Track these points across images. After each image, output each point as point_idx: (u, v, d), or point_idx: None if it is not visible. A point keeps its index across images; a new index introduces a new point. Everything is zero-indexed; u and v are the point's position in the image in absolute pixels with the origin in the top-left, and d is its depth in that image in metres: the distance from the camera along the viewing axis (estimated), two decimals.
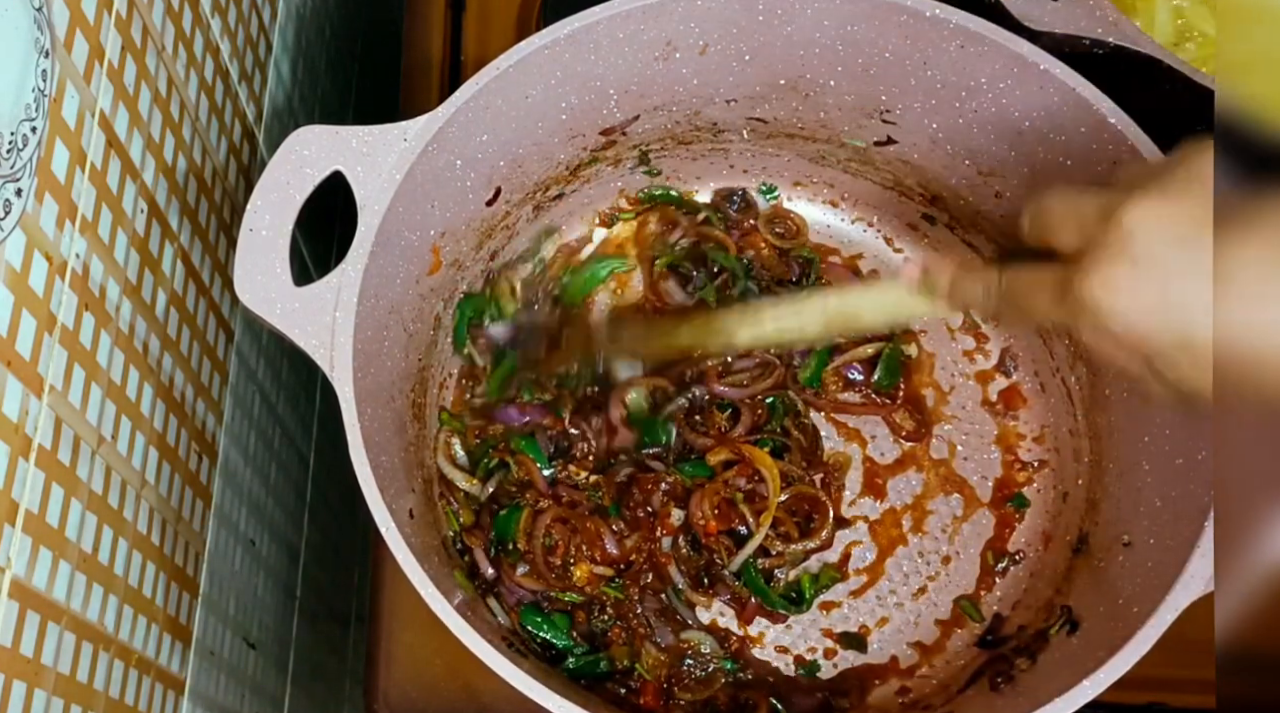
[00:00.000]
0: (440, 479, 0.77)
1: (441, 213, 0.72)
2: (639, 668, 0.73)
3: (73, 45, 0.55)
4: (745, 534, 0.75)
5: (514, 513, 0.74)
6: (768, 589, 0.75)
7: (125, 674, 0.62)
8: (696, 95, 0.77)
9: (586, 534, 0.73)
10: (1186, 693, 0.72)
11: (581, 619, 0.74)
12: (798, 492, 0.76)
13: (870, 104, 0.76)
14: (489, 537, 0.75)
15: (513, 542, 0.73)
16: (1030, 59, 0.67)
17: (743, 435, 0.77)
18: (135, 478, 0.64)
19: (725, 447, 0.76)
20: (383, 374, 0.68)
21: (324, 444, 1.08)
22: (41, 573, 0.52)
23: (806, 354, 0.81)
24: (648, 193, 0.86)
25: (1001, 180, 0.75)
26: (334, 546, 1.14)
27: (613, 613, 0.74)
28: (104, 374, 0.59)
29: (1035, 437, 0.81)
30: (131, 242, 0.63)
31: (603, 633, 0.74)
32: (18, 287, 0.50)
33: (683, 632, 0.74)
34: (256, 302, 0.63)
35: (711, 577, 0.75)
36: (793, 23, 0.71)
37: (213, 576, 0.77)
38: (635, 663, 0.73)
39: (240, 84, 0.82)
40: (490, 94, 0.68)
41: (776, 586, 0.76)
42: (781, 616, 0.76)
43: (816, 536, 0.76)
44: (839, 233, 0.87)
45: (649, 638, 0.74)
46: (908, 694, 0.74)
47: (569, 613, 0.74)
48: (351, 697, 1.19)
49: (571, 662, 0.73)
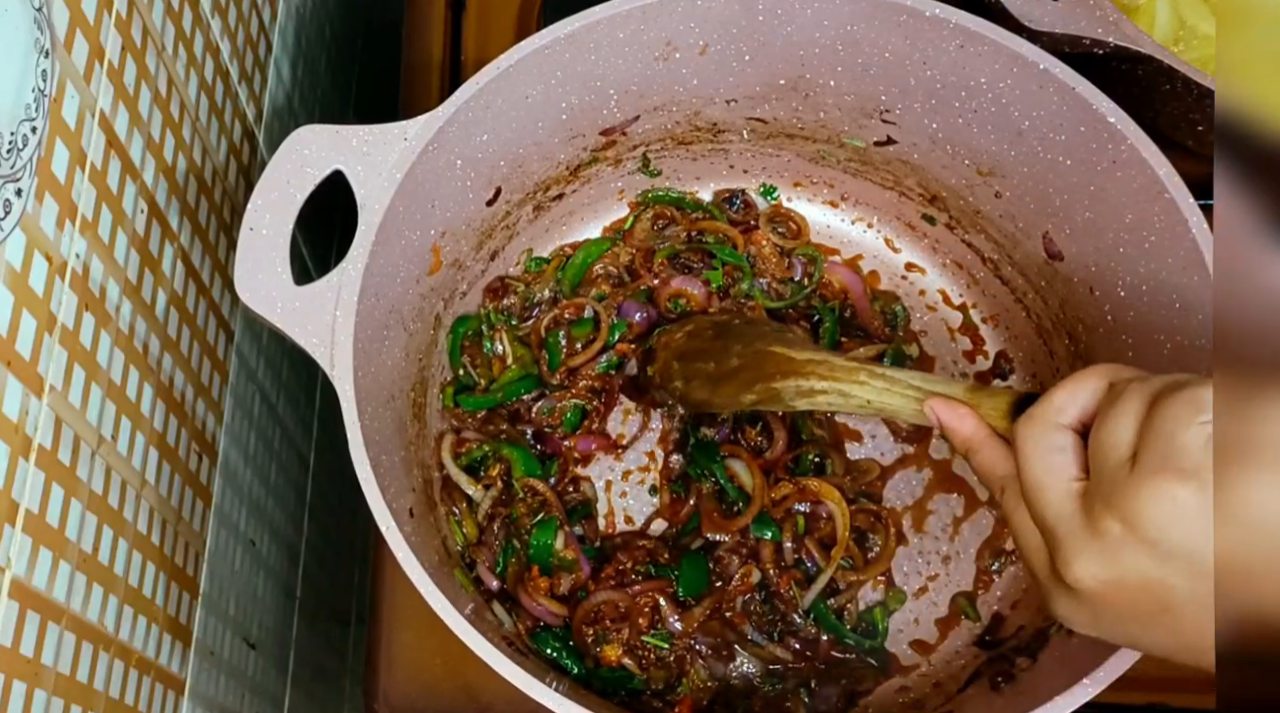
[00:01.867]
0: (443, 483, 0.77)
1: (442, 212, 0.72)
2: (683, 687, 0.72)
3: (73, 45, 0.55)
4: (812, 568, 0.75)
5: (546, 530, 0.73)
6: (841, 627, 0.74)
7: (125, 674, 0.62)
8: (696, 95, 0.77)
9: (636, 616, 0.72)
10: (1186, 693, 0.72)
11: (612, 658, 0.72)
12: (859, 510, 0.76)
13: (870, 104, 0.76)
14: (498, 546, 0.74)
15: (551, 563, 0.73)
16: (1030, 59, 0.67)
17: (783, 453, 0.77)
18: (135, 478, 0.64)
19: (789, 483, 0.76)
20: (383, 374, 0.68)
21: (324, 444, 1.08)
22: (41, 573, 0.52)
23: None
24: (648, 193, 0.86)
25: (1001, 180, 0.75)
26: (334, 546, 1.14)
27: (654, 657, 0.72)
28: (104, 374, 0.59)
29: None
30: (131, 242, 0.63)
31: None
32: (18, 287, 0.50)
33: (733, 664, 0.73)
34: (257, 301, 0.63)
35: (783, 627, 0.74)
36: (793, 23, 0.71)
37: (213, 576, 0.77)
38: (677, 683, 0.72)
39: (240, 84, 0.82)
40: (490, 94, 0.68)
41: (850, 618, 0.75)
42: None
43: (883, 562, 0.76)
44: (839, 233, 0.87)
45: (700, 663, 0.72)
46: (907, 694, 0.74)
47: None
48: (351, 697, 1.19)
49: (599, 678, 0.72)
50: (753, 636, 0.73)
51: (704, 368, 0.72)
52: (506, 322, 0.81)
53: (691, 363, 0.73)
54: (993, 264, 0.81)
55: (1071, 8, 0.72)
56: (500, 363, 0.81)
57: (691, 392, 0.72)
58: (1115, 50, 0.72)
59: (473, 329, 0.81)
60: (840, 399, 0.63)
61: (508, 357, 0.80)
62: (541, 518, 0.74)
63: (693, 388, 0.72)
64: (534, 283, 0.82)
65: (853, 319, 0.84)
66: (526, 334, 0.81)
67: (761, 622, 0.74)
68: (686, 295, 0.82)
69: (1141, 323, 0.68)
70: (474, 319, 0.81)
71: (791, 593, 0.74)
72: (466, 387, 0.80)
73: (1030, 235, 0.76)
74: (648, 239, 0.85)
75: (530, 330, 0.81)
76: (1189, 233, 0.63)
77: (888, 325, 0.84)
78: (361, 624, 1.21)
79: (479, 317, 0.81)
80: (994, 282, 0.82)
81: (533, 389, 0.80)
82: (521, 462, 0.76)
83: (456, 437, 0.77)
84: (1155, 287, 0.67)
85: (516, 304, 0.82)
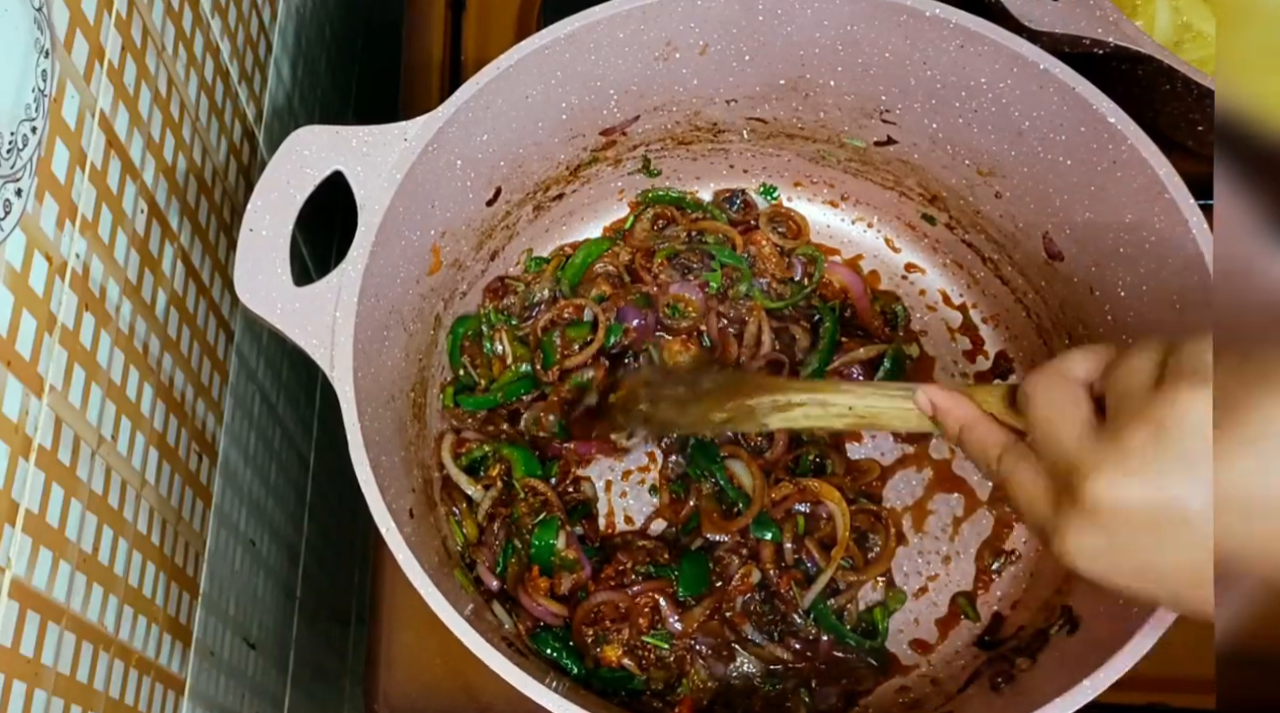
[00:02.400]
0: (443, 483, 0.77)
1: (442, 213, 0.72)
2: (683, 687, 0.72)
3: (73, 45, 0.55)
4: (812, 569, 0.75)
5: (548, 529, 0.73)
6: (841, 627, 0.74)
7: (125, 674, 0.62)
8: (696, 95, 0.77)
9: (636, 616, 0.72)
10: (1186, 693, 0.72)
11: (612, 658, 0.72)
12: (859, 510, 0.76)
13: (870, 104, 0.76)
14: (498, 546, 0.74)
15: (553, 563, 0.73)
16: (1030, 59, 0.67)
17: (783, 453, 0.77)
18: (135, 478, 0.64)
19: (789, 483, 0.76)
20: (383, 374, 0.68)
21: (324, 444, 1.08)
22: (41, 573, 0.52)
23: (809, 354, 0.81)
24: (648, 193, 0.86)
25: (1001, 180, 0.75)
26: (334, 546, 1.14)
27: (654, 657, 0.72)
28: (104, 374, 0.59)
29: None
30: (131, 242, 0.63)
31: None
32: (18, 287, 0.50)
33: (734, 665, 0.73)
34: (256, 302, 0.63)
35: (784, 627, 0.74)
36: (793, 23, 0.71)
37: (213, 576, 0.77)
38: (677, 683, 0.72)
39: (240, 84, 0.82)
40: (490, 94, 0.68)
41: (850, 619, 0.75)
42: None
43: (883, 563, 0.76)
44: (839, 233, 0.87)
45: (700, 663, 0.73)
46: (907, 694, 0.74)
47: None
48: (351, 697, 1.19)
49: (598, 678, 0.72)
50: (753, 635, 0.74)
51: (673, 392, 0.71)
52: (506, 321, 0.81)
53: (660, 388, 0.72)
54: (993, 264, 0.81)
55: (1071, 8, 0.72)
56: (500, 363, 0.81)
57: (657, 412, 0.71)
58: (1115, 50, 0.72)
59: (473, 329, 0.81)
60: (819, 410, 0.62)
61: (508, 356, 0.80)
62: (543, 518, 0.74)
63: (659, 409, 0.71)
64: (534, 283, 0.82)
65: (853, 319, 0.84)
66: (526, 334, 0.81)
67: (762, 622, 0.74)
68: (684, 301, 0.82)
69: (1141, 323, 0.68)
70: (474, 319, 0.81)
71: (792, 593, 0.74)
72: (467, 387, 0.80)
73: (1030, 235, 0.75)
74: (648, 239, 0.85)
75: (530, 330, 0.81)
76: (1189, 233, 0.63)
77: (888, 325, 0.84)
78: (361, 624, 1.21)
79: (479, 317, 0.81)
80: (994, 282, 0.82)
81: (531, 389, 0.80)
82: (522, 462, 0.76)
83: (456, 437, 0.77)
84: (1155, 287, 0.67)
85: (516, 304, 0.82)
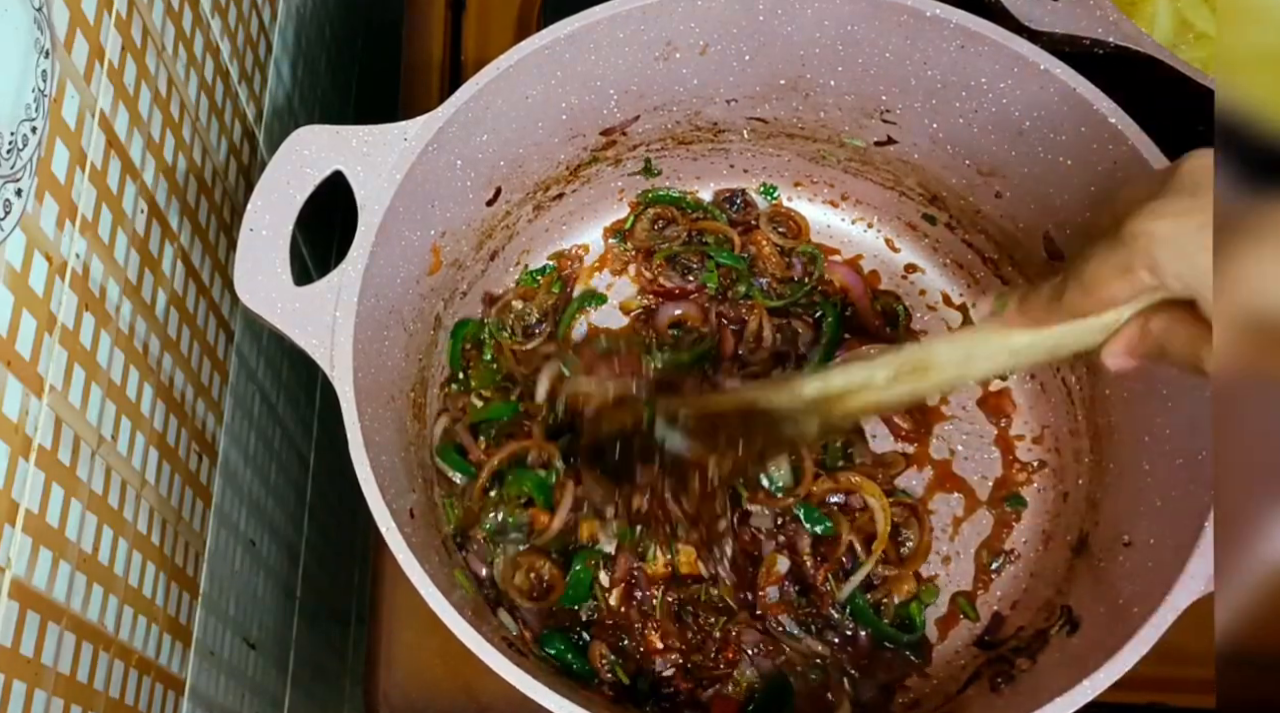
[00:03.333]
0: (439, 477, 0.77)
1: (441, 213, 0.72)
2: (729, 688, 0.72)
3: (73, 45, 0.55)
4: (848, 562, 0.75)
5: (585, 573, 0.73)
6: (879, 622, 0.74)
7: (125, 675, 0.62)
8: (696, 95, 0.77)
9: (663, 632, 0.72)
10: (1186, 693, 0.72)
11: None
12: (895, 504, 0.76)
13: (870, 104, 0.76)
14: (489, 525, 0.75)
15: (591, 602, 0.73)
16: (1030, 59, 0.67)
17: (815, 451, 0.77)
18: (135, 478, 0.64)
19: (829, 478, 0.76)
20: (383, 374, 0.68)
21: (324, 444, 1.08)
22: (41, 573, 0.52)
23: (811, 349, 0.81)
24: (648, 193, 0.86)
25: (1001, 180, 0.75)
26: (334, 546, 1.14)
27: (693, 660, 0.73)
28: (104, 374, 0.59)
29: (1035, 437, 0.81)
30: (131, 242, 0.63)
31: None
32: (18, 287, 0.50)
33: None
34: (256, 302, 0.63)
35: (820, 621, 0.74)
36: (793, 23, 0.71)
37: (213, 576, 0.77)
38: (730, 683, 0.72)
39: (240, 84, 0.82)
40: (490, 94, 0.68)
41: (887, 612, 0.75)
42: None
43: (921, 557, 0.76)
44: (839, 233, 0.87)
45: (747, 663, 0.73)
46: (907, 693, 0.74)
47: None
48: (351, 697, 1.19)
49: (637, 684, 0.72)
50: (791, 628, 0.74)
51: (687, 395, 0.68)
52: (511, 337, 0.81)
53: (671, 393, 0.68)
54: (993, 264, 0.81)
55: (1071, 8, 0.72)
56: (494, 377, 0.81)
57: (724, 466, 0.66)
58: (1115, 50, 0.72)
59: (473, 335, 0.81)
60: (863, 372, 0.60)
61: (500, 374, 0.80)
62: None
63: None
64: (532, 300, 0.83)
65: (853, 319, 0.84)
66: (511, 373, 0.80)
67: (799, 614, 0.74)
68: (685, 318, 0.82)
69: None
70: (474, 324, 0.81)
71: (828, 586, 0.74)
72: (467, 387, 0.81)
73: (1030, 235, 0.75)
74: (648, 239, 0.85)
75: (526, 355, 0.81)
76: None
77: (888, 325, 0.84)
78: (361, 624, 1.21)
79: (479, 324, 0.82)
80: (994, 282, 0.82)
81: (512, 414, 0.79)
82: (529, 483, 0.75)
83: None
84: None
85: (516, 323, 0.82)
